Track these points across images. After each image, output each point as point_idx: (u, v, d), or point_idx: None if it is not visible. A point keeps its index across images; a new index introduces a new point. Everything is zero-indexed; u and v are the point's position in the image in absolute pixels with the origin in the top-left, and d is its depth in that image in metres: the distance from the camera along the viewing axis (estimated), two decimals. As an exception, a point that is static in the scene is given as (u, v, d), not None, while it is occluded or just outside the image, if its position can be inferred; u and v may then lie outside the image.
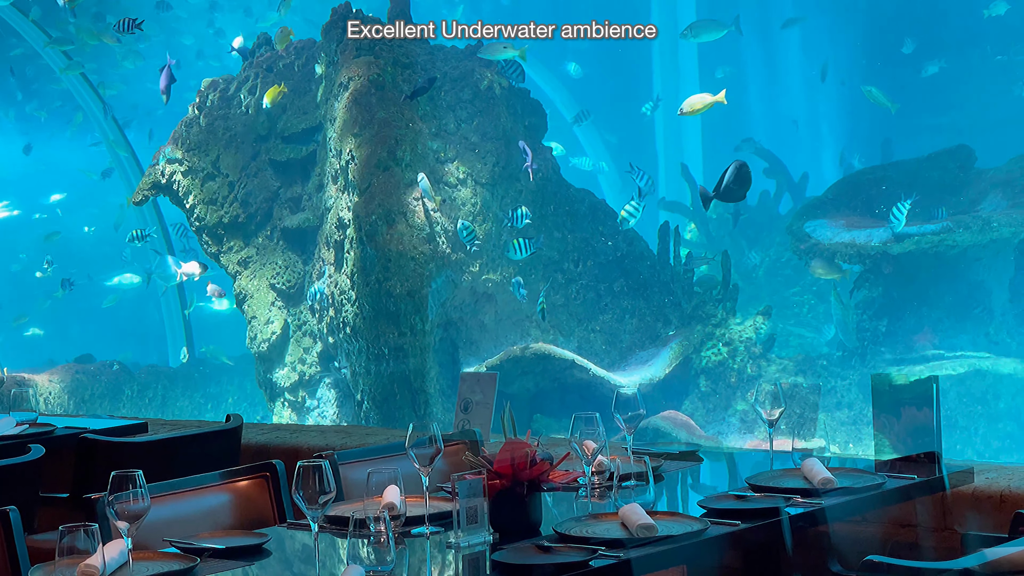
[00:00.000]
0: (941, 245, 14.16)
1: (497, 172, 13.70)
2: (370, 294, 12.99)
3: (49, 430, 6.56)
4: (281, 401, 14.54)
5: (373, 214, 12.93)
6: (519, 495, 4.17)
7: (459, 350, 13.52)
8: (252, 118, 14.79)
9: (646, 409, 4.99)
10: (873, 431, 5.19)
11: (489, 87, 13.97)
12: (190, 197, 14.89)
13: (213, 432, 6.15)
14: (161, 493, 4.43)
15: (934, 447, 4.96)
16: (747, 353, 14.03)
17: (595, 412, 4.51)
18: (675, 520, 4.19)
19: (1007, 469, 5.40)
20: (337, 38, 14.07)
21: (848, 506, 4.57)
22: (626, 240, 14.42)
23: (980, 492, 5.17)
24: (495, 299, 13.67)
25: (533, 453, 4.21)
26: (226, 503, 4.71)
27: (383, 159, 13.10)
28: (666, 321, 14.28)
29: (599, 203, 14.54)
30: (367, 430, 7.60)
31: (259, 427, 7.80)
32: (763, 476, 4.73)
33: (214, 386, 18.65)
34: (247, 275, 14.68)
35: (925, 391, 5.07)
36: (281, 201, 14.67)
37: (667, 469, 5.13)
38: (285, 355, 14.51)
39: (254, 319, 14.64)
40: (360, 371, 13.28)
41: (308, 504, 3.87)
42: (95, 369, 17.68)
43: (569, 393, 13.13)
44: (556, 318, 13.91)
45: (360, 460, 5.09)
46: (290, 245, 14.58)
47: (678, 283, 14.37)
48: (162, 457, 5.87)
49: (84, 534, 3.50)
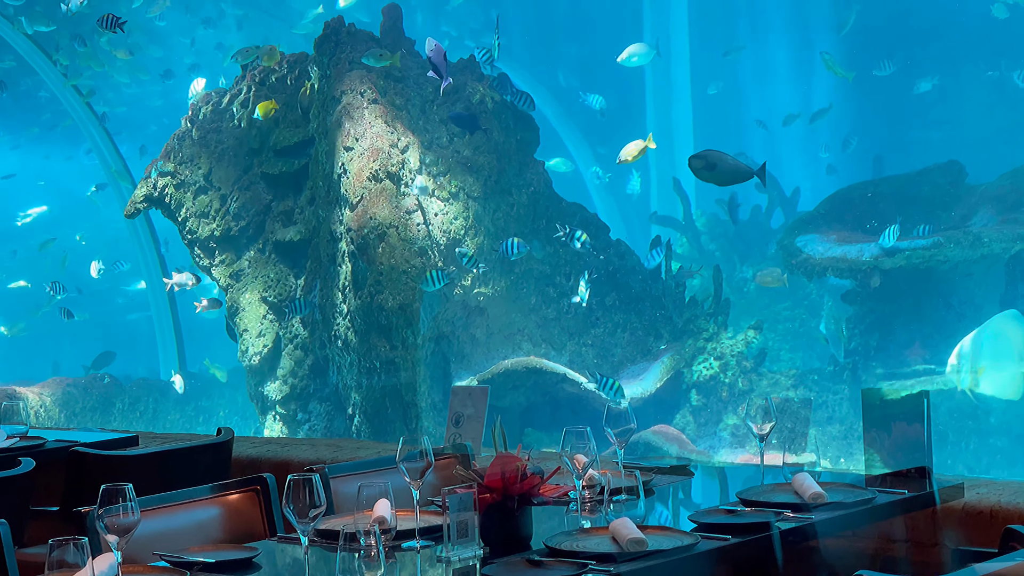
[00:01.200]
0: (932, 260, 14.18)
1: (489, 186, 13.71)
2: (362, 307, 12.98)
3: (39, 443, 6.55)
4: (272, 414, 14.53)
5: (365, 227, 12.93)
6: (509, 509, 4.17)
7: (451, 364, 13.51)
8: (244, 131, 14.79)
9: (637, 423, 5.00)
10: (864, 446, 5.19)
11: (481, 101, 13.99)
12: (182, 210, 14.89)
13: (204, 445, 6.15)
14: (151, 507, 4.42)
15: (925, 462, 4.97)
16: (738, 367, 14.04)
17: (586, 426, 4.51)
18: (665, 534, 4.19)
19: (997, 484, 5.40)
20: (330, 52, 14.08)
21: (839, 521, 4.57)
22: (618, 254, 14.44)
23: (970, 507, 5.18)
24: (487, 313, 13.67)
25: (524, 467, 4.21)
26: (216, 517, 4.71)
27: (375, 173, 13.11)
28: (657, 335, 14.29)
29: (591, 217, 14.55)
30: (358, 443, 7.60)
31: (250, 440, 7.79)
32: (754, 491, 4.73)
33: (205, 399, 18.63)
34: (239, 288, 14.67)
35: (916, 406, 5.08)
36: (273, 214, 14.67)
37: (658, 483, 5.13)
38: (277, 368, 14.50)
39: (246, 332, 14.63)
40: (352, 384, 13.28)
41: (298, 518, 3.87)
42: (86, 382, 17.65)
43: (561, 407, 13.13)
44: (548, 332, 13.91)
45: (351, 474, 5.09)
46: (282, 258, 14.58)
47: (669, 297, 14.38)
48: (153, 470, 5.86)
49: (74, 548, 3.50)
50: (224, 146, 14.84)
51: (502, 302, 13.82)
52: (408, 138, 13.46)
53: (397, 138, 13.36)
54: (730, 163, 10.27)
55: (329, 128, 13.62)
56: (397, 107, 13.73)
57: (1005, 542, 4.00)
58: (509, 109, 14.16)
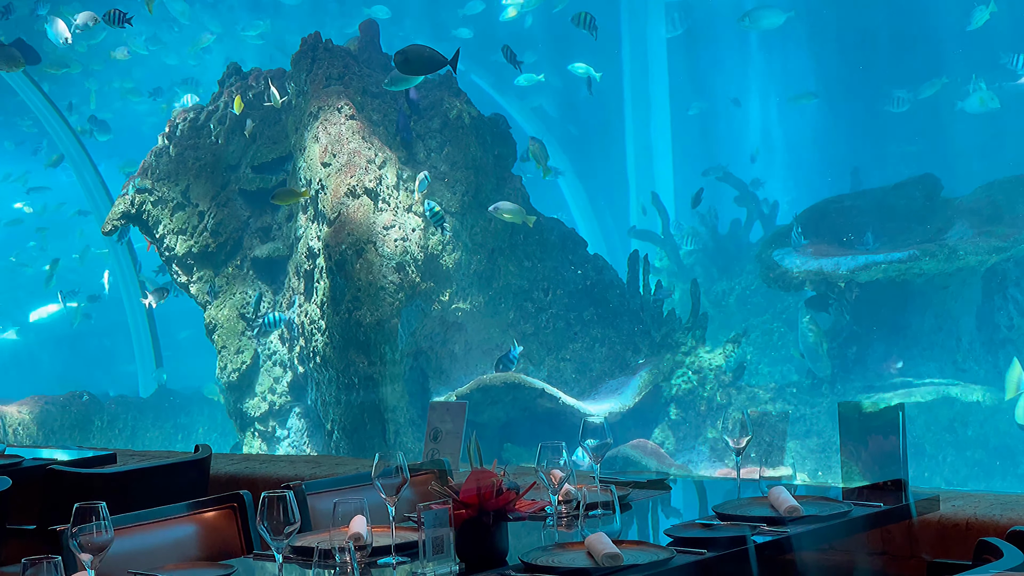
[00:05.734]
0: (908, 273, 14.23)
1: (467, 201, 13.71)
2: (340, 323, 12.98)
3: (16, 461, 6.54)
4: (251, 431, 14.50)
5: (343, 243, 12.93)
6: (485, 525, 4.17)
7: (429, 379, 13.51)
8: (222, 148, 14.78)
9: (614, 438, 5.01)
10: (840, 459, 5.21)
11: (459, 116, 14.00)
12: (160, 227, 14.86)
13: (181, 463, 6.14)
14: (126, 525, 4.41)
15: (900, 474, 4.99)
16: (717, 381, 14.06)
17: (562, 441, 4.52)
18: (641, 549, 4.20)
19: (973, 497, 5.42)
20: (307, 68, 14.08)
21: (815, 534, 4.58)
22: (596, 269, 14.46)
23: (946, 520, 5.20)
24: (465, 328, 13.67)
25: (499, 482, 4.21)
26: (192, 534, 4.70)
27: (352, 188, 13.11)
28: (636, 350, 14.31)
29: (569, 232, 14.57)
30: (337, 460, 7.59)
31: (228, 457, 7.78)
32: (730, 504, 4.75)
33: (184, 416, 18.58)
34: (217, 305, 14.65)
35: (891, 419, 5.10)
36: (251, 231, 14.65)
37: (635, 498, 5.14)
38: (255, 385, 14.47)
39: (224, 349, 14.60)
40: (330, 400, 13.26)
41: (273, 535, 3.87)
42: (64, 400, 17.59)
43: (539, 422, 13.13)
44: (526, 347, 13.91)
45: (328, 490, 5.09)
46: (260, 275, 14.57)
47: (648, 312, 14.40)
48: (130, 488, 5.85)
49: (47, 566, 3.49)
50: (202, 162, 14.82)
51: (480, 317, 13.82)
52: (385, 154, 13.46)
53: (374, 154, 13.37)
54: (426, 54, 11.39)
55: (306, 144, 13.62)
56: (374, 123, 13.74)
57: (978, 555, 4.02)
58: (487, 124, 14.18)
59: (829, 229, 15.30)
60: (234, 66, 15.25)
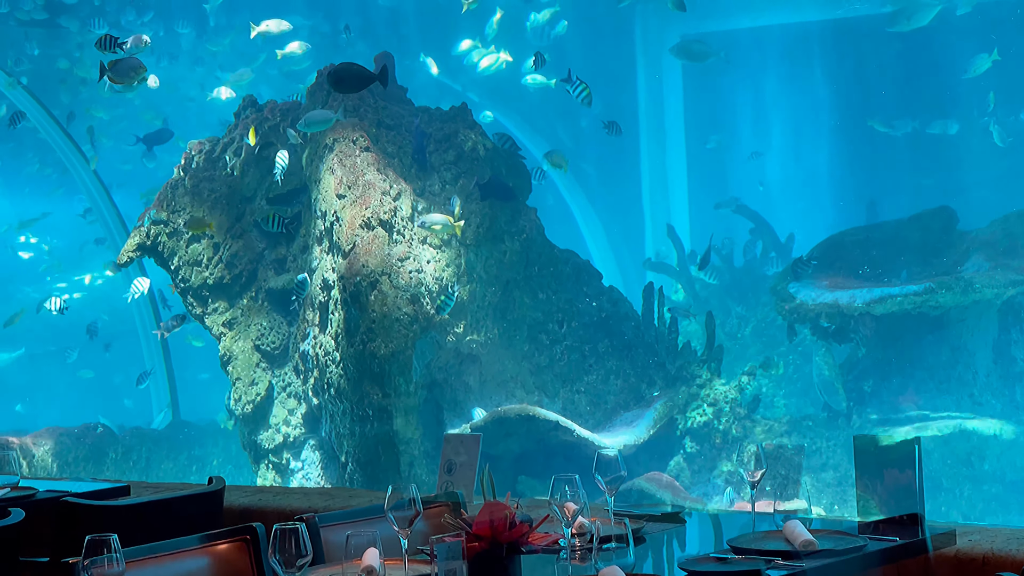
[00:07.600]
0: (924, 306, 14.19)
1: (481, 233, 13.72)
2: (354, 355, 12.97)
3: (30, 494, 6.53)
4: (266, 463, 14.49)
5: (358, 275, 12.94)
6: (498, 557, 4.15)
7: (443, 411, 13.48)
8: (237, 180, 14.81)
9: (628, 471, 4.98)
10: (856, 492, 5.18)
11: (473, 148, 14.02)
12: (175, 258, 14.89)
13: (195, 495, 6.12)
14: (139, 557, 4.40)
15: (917, 509, 4.95)
16: (732, 414, 14.01)
17: (575, 474, 4.50)
18: (656, 583, 4.18)
19: (990, 531, 5.39)
20: (322, 100, 14.12)
21: (829, 569, 4.55)
22: (611, 301, 14.44)
23: (963, 555, 5.16)
24: (480, 360, 13.65)
25: (512, 515, 4.19)
26: (205, 567, 4.68)
27: (367, 220, 13.12)
28: (651, 382, 14.27)
29: (583, 264, 14.57)
30: (351, 492, 7.57)
31: (242, 489, 7.77)
32: (745, 538, 4.72)
33: (198, 448, 18.57)
34: (232, 336, 14.65)
35: (908, 452, 5.07)
36: (266, 262, 14.67)
37: (650, 531, 5.11)
38: (269, 417, 14.47)
39: (238, 380, 14.60)
40: (344, 432, 13.24)
41: (285, 568, 3.85)
42: (79, 432, 17.60)
43: (554, 455, 13.09)
44: (541, 379, 13.89)
45: (342, 523, 5.07)
46: (275, 306, 14.57)
47: (663, 344, 14.37)
48: (143, 520, 5.83)
49: (59, 599, 3.48)
50: (217, 194, 14.85)
51: (495, 349, 13.81)
52: (400, 185, 13.48)
53: (389, 185, 13.38)
54: (355, 71, 11.95)
55: (321, 176, 13.64)
56: (389, 155, 13.76)
57: (996, 589, 3.98)
58: (501, 156, 14.20)
59: (845, 261, 15.27)
60: (250, 98, 15.30)
